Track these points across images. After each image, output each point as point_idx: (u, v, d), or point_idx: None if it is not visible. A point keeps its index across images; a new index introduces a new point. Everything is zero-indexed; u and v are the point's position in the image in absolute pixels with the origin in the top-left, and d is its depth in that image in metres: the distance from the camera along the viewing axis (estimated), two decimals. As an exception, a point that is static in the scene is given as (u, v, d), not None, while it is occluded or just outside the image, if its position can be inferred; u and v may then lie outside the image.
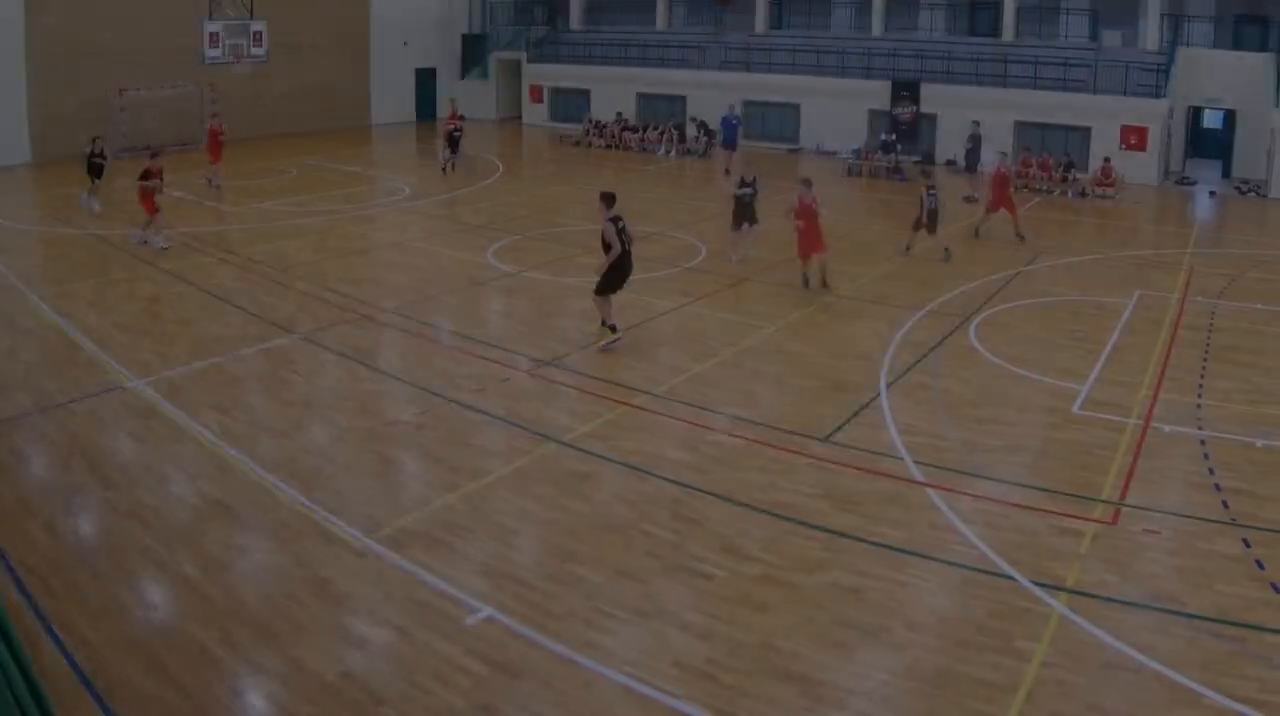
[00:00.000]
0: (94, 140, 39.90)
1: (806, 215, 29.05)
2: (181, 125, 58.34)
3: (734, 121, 53.00)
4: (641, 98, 70.23)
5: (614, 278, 24.78)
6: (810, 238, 29.30)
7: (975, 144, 50.19)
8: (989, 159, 46.06)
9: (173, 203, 39.49)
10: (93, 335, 25.39)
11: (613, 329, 24.74)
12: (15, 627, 11.31)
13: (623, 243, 24.49)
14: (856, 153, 57.87)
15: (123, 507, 16.87)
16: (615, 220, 24.65)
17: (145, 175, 33.54)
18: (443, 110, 65.50)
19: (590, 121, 67.41)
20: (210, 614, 13.78)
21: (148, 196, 33.52)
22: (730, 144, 53.74)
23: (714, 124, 61.58)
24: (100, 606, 13.89)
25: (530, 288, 30.39)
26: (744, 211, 33.41)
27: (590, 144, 65.41)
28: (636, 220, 25.08)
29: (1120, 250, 38.28)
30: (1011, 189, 39.02)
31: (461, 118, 51.68)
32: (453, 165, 51.56)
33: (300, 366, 23.69)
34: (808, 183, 29.97)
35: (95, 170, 39.62)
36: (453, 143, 51.01)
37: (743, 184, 33.46)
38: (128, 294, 29.26)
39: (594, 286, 25.03)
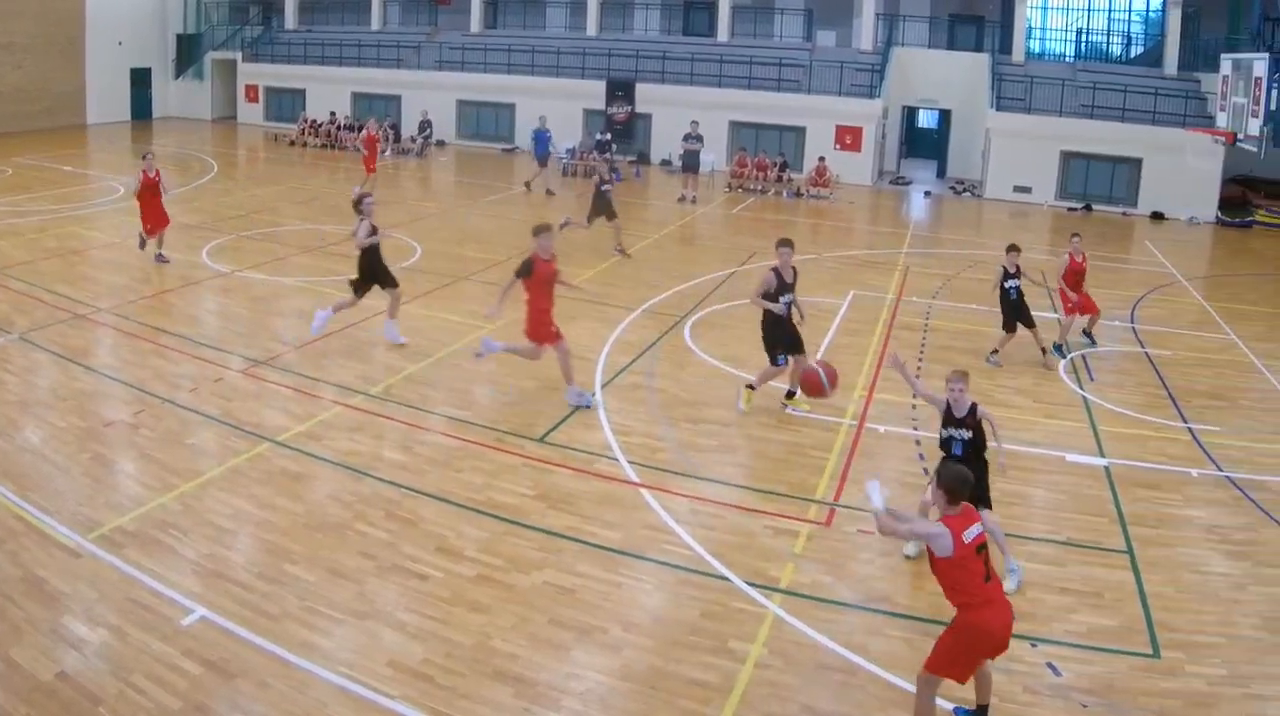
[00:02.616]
0: None
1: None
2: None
3: (545, 134, 51.94)
4: (357, 97, 70.05)
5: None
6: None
7: (694, 144, 50.45)
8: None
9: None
10: None
11: (751, 388, 22.73)
12: None
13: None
14: (571, 152, 58.25)
15: None
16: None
17: None
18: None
19: (305, 121, 66.86)
20: (-82, 616, 13.38)
21: None
22: (542, 157, 52.21)
23: (439, 123, 61.79)
24: None
25: (245, 287, 29.94)
26: (603, 205, 34.43)
27: (305, 144, 64.96)
28: (353, 220, 24.85)
29: (835, 250, 39.02)
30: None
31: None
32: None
33: (15, 366, 22.97)
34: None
35: None
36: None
37: (603, 181, 34.55)
38: None
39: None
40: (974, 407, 16.04)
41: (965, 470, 11.49)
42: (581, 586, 14.98)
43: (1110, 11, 67.48)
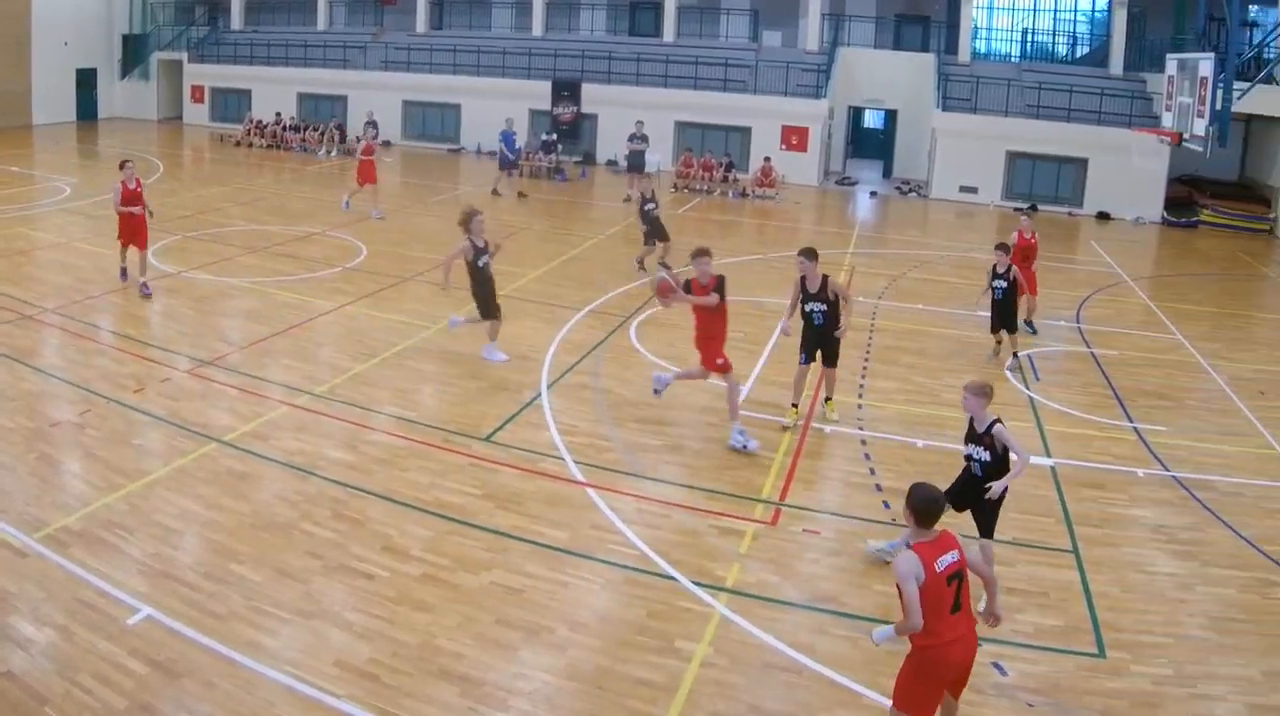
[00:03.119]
0: None
1: None
2: None
3: (512, 136, 50.80)
4: (302, 97, 69.87)
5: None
6: None
7: (639, 145, 50.36)
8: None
9: None
10: None
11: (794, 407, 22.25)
12: None
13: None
14: (518, 153, 57.94)
15: None
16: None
17: None
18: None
19: (251, 122, 66.57)
20: None
21: None
22: (509, 161, 50.87)
23: (385, 124, 61.71)
24: None
25: (191, 288, 29.78)
26: (654, 229, 33.38)
27: (251, 144, 64.69)
28: (298, 220, 24.74)
29: (781, 250, 38.99)
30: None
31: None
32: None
33: (-41, 366, 22.94)
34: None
35: None
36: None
37: (645, 200, 33.51)
38: None
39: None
40: (992, 426, 15.03)
41: (935, 491, 11.12)
42: (528, 586, 15.01)
43: (1056, 12, 67.81)
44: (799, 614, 14.79)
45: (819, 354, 21.61)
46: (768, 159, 54.06)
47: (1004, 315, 26.05)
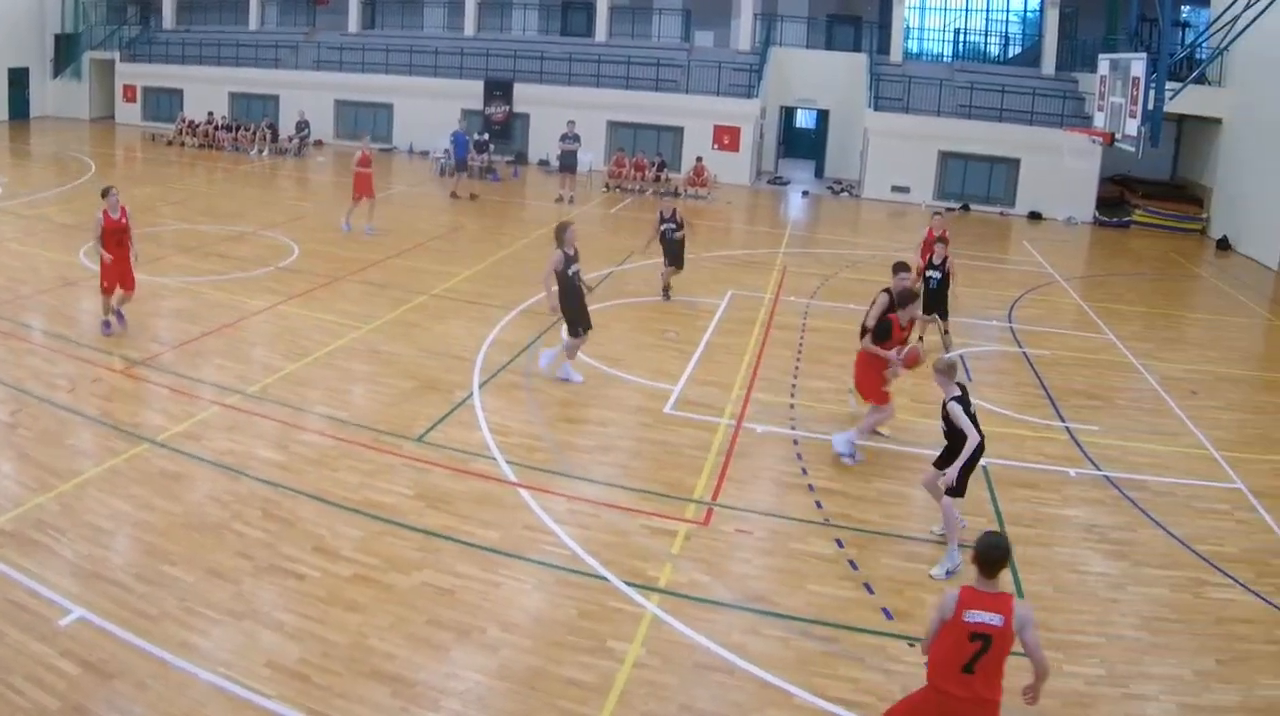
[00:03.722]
0: None
1: None
2: None
3: (463, 137, 50.78)
4: (235, 97, 69.52)
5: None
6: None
7: (571, 145, 50.24)
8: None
9: None
10: None
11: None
12: None
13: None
14: (449, 152, 57.79)
15: None
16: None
17: None
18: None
19: (183, 121, 66.16)
20: None
21: None
22: (461, 162, 50.62)
23: (317, 122, 61.79)
24: None
25: (123, 287, 29.53)
26: (673, 251, 31.55)
27: (184, 143, 64.34)
28: (230, 220, 24.61)
29: (713, 250, 39.19)
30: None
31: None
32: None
33: (-111, 366, 22.79)
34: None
35: None
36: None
37: (664, 220, 31.44)
38: None
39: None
40: (946, 402, 16.44)
41: (999, 539, 10.78)
42: (460, 586, 15.06)
43: (988, 12, 68.20)
44: (731, 614, 14.86)
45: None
46: (700, 159, 54.18)
47: (937, 300, 26.78)
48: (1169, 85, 31.08)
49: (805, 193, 58.02)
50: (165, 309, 27.83)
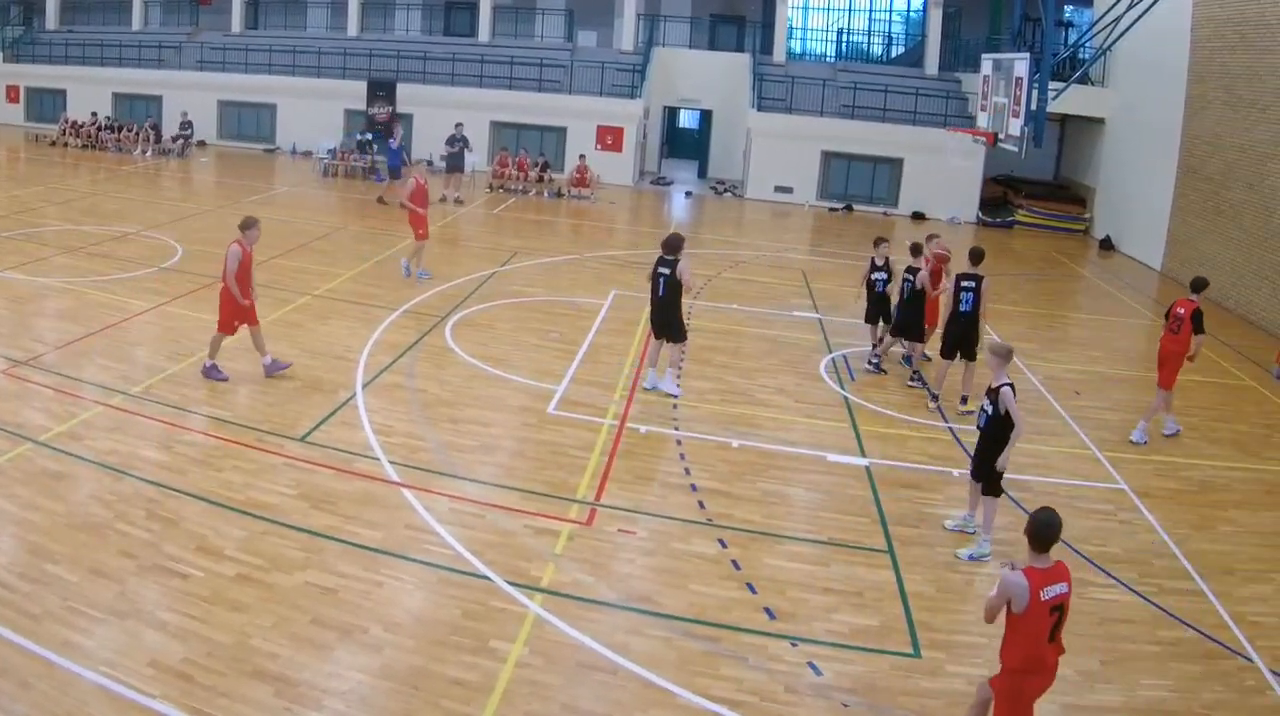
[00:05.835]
0: None
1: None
2: None
3: (394, 146, 49.17)
4: (118, 97, 68.58)
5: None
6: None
7: (457, 145, 49.88)
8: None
9: None
10: None
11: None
12: None
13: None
14: (332, 153, 57.61)
15: None
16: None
17: None
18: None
19: (66, 121, 65.15)
20: None
21: None
22: (395, 169, 49.25)
23: (200, 123, 61.40)
24: None
25: (5, 288, 29.07)
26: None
27: (67, 144, 63.35)
28: (113, 220, 24.43)
29: (596, 250, 39.30)
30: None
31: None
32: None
33: None
34: None
35: None
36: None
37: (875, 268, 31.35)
38: None
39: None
40: (1000, 387, 17.08)
41: (1053, 515, 11.22)
42: (343, 586, 14.98)
43: (871, 12, 68.73)
44: (614, 614, 14.89)
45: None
46: (583, 158, 54.25)
47: (883, 306, 27.56)
48: (1052, 85, 31.27)
49: (688, 193, 58.32)
50: (48, 309, 27.42)
